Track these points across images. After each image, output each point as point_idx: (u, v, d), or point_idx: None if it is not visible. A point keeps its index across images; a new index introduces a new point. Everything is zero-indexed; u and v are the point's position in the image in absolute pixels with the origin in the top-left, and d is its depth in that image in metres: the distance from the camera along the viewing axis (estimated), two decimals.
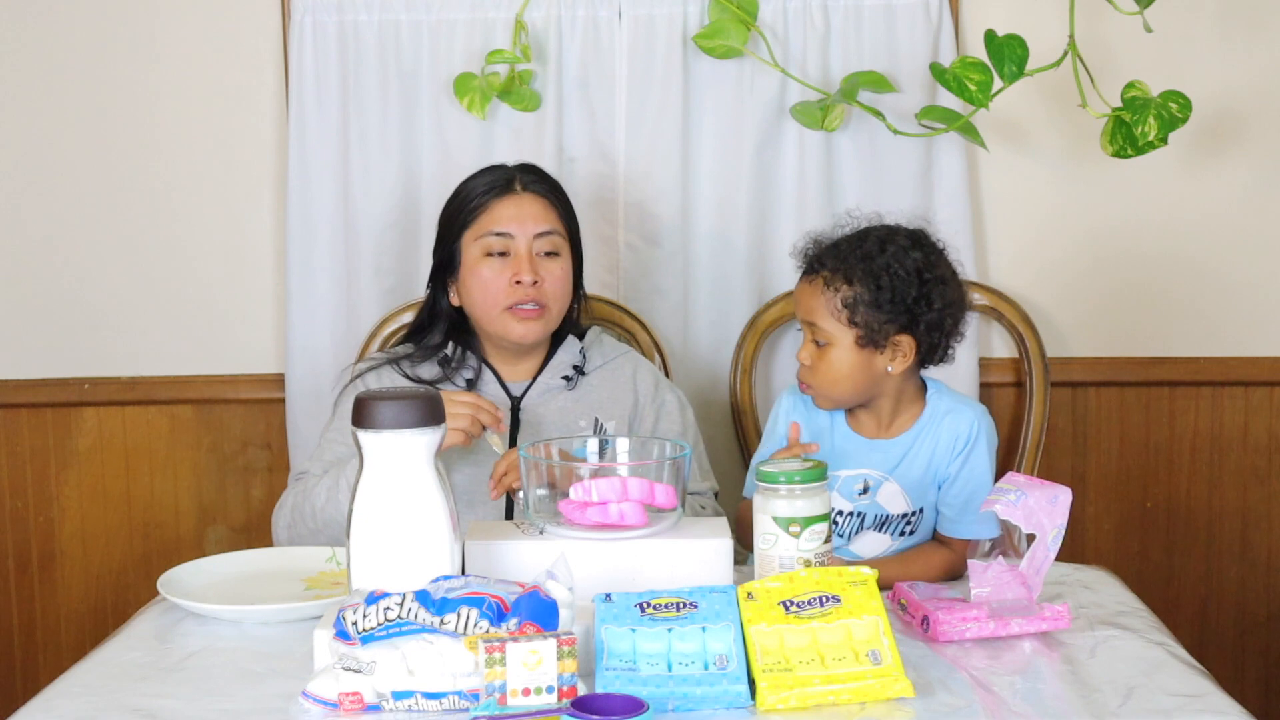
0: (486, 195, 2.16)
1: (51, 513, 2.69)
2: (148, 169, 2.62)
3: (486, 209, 2.15)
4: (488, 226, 2.14)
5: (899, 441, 1.97)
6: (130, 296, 2.64)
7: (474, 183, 2.19)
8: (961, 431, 1.95)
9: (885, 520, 1.98)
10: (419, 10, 2.52)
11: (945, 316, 1.92)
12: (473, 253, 2.15)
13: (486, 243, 2.13)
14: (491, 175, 2.20)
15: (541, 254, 2.14)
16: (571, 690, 1.39)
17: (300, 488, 2.08)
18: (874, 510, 1.98)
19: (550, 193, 2.20)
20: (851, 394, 1.94)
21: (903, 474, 1.96)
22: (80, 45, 2.59)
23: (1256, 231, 2.62)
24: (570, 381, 2.18)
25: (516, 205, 2.15)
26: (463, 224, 2.16)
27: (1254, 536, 2.68)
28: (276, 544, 2.08)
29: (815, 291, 1.93)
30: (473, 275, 2.14)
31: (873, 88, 2.44)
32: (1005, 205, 2.60)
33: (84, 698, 1.52)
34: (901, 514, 1.97)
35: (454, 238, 2.17)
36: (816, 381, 1.94)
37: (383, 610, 1.44)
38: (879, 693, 1.45)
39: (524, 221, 2.14)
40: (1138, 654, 1.60)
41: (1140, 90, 2.31)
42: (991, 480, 1.95)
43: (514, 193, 2.16)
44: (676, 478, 1.72)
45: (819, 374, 1.94)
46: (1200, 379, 2.64)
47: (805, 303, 1.95)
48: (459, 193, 2.20)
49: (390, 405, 1.55)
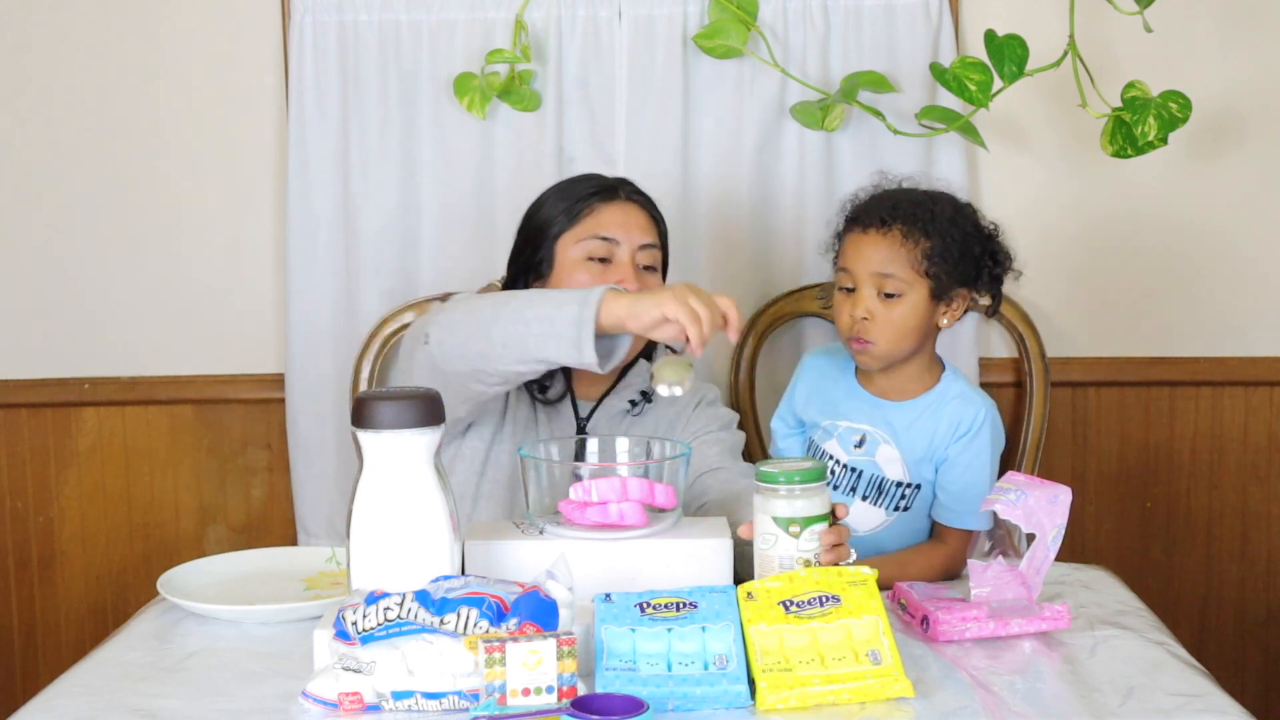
0: (591, 199, 2.08)
1: (51, 513, 2.69)
2: (148, 169, 2.62)
3: (592, 213, 2.06)
4: (593, 230, 2.05)
5: (903, 407, 2.02)
6: (130, 296, 2.64)
7: (574, 187, 2.12)
8: (966, 417, 1.99)
9: (881, 485, 2.00)
10: (419, 10, 2.52)
11: (1006, 271, 2.04)
12: (571, 255, 2.05)
13: (589, 246, 2.04)
14: (592, 181, 2.13)
15: (641, 266, 2.07)
16: (571, 690, 1.39)
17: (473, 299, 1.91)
18: (870, 470, 2.01)
19: (652, 207, 2.14)
20: (912, 347, 2.01)
21: (904, 442, 2.00)
22: (81, 46, 2.59)
23: (1256, 231, 2.62)
24: (635, 407, 2.12)
25: (624, 213, 2.08)
26: (561, 227, 2.07)
27: (1254, 536, 2.68)
28: (426, 346, 1.88)
29: (893, 243, 1.96)
30: (570, 278, 2.04)
31: (873, 88, 2.44)
32: (1005, 205, 2.59)
33: (84, 698, 1.52)
34: (897, 482, 2.01)
35: (548, 240, 2.08)
36: (882, 334, 1.97)
37: (383, 610, 1.44)
38: (879, 693, 1.45)
39: (630, 230, 2.06)
40: (1138, 653, 1.60)
41: (1140, 90, 2.32)
42: (992, 475, 1.98)
43: (619, 200, 2.09)
44: (676, 478, 1.72)
45: (886, 326, 1.97)
46: (1200, 379, 2.64)
47: (878, 255, 1.97)
48: (557, 195, 2.12)
49: (390, 405, 1.55)
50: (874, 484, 2.02)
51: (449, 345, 1.86)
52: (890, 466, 2.02)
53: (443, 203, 2.55)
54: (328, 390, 2.57)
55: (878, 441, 2.02)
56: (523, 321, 1.77)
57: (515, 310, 1.79)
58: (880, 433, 2.02)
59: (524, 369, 1.82)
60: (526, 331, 1.77)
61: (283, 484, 2.66)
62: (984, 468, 1.99)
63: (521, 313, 1.78)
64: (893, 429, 2.02)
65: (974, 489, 1.95)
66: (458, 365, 1.86)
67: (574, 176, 2.18)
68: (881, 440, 2.02)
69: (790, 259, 2.57)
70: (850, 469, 2.03)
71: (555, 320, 1.74)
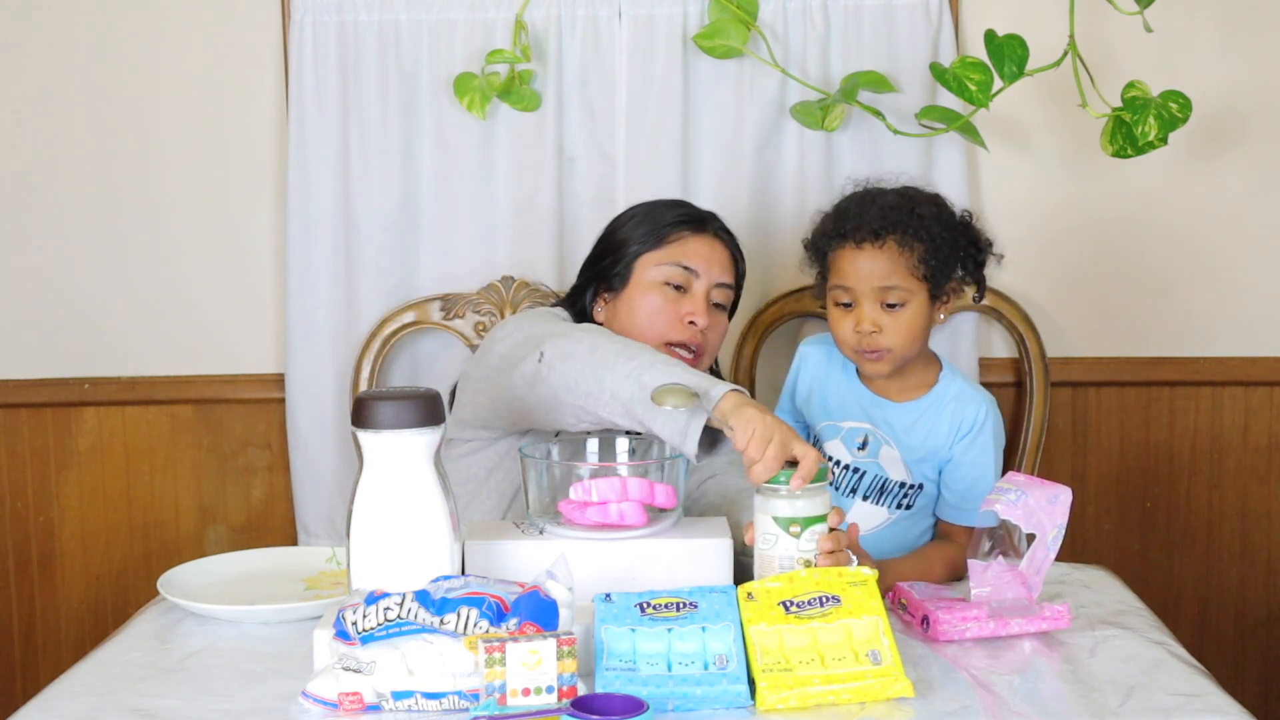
0: (681, 227, 2.12)
1: (51, 513, 2.69)
2: (148, 169, 2.62)
3: (680, 240, 2.11)
4: (677, 257, 2.09)
5: (905, 408, 2.03)
6: (130, 296, 2.64)
7: (664, 210, 2.15)
8: (968, 416, 2.01)
9: (884, 485, 2.01)
10: (419, 10, 2.51)
11: (987, 256, 2.07)
12: (650, 276, 2.09)
13: (669, 272, 2.08)
14: (684, 209, 2.16)
15: (713, 303, 2.11)
16: (571, 690, 1.39)
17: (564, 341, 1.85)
18: (873, 470, 2.02)
19: (736, 248, 2.18)
20: (919, 348, 2.03)
21: (904, 443, 2.01)
22: (81, 46, 2.59)
23: (1256, 231, 2.62)
24: None
25: (710, 247, 2.12)
26: (645, 247, 2.11)
27: (1254, 536, 2.68)
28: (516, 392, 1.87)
29: (890, 255, 1.98)
30: (643, 298, 2.09)
31: (873, 88, 2.44)
32: (1005, 205, 2.60)
33: (84, 698, 1.52)
34: (900, 483, 2.02)
35: (630, 255, 2.11)
36: (895, 342, 1.98)
37: (382, 610, 1.45)
38: (879, 693, 1.45)
39: (712, 265, 2.10)
40: (1137, 653, 1.61)
41: (1140, 90, 2.32)
42: (996, 470, 2.00)
43: (707, 233, 2.13)
44: (676, 478, 1.72)
45: (898, 334, 1.98)
46: (1200, 379, 2.64)
47: (878, 269, 1.98)
48: (647, 215, 2.15)
49: (390, 405, 1.55)
50: (876, 485, 2.02)
51: (558, 371, 1.81)
52: (893, 467, 2.02)
53: (443, 203, 2.55)
54: (328, 390, 2.57)
55: (880, 443, 2.03)
56: (640, 385, 1.71)
57: (636, 370, 1.73)
58: (881, 433, 2.03)
59: (623, 424, 1.77)
60: (641, 396, 1.70)
61: (283, 484, 2.66)
62: (989, 464, 2.01)
63: (640, 376, 1.72)
64: (893, 430, 2.03)
65: (981, 485, 1.96)
66: (559, 394, 1.81)
67: (664, 199, 2.22)
68: (884, 441, 2.02)
69: (790, 259, 2.56)
70: (853, 470, 2.04)
71: None
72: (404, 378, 2.62)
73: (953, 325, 2.56)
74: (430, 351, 2.62)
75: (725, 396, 1.67)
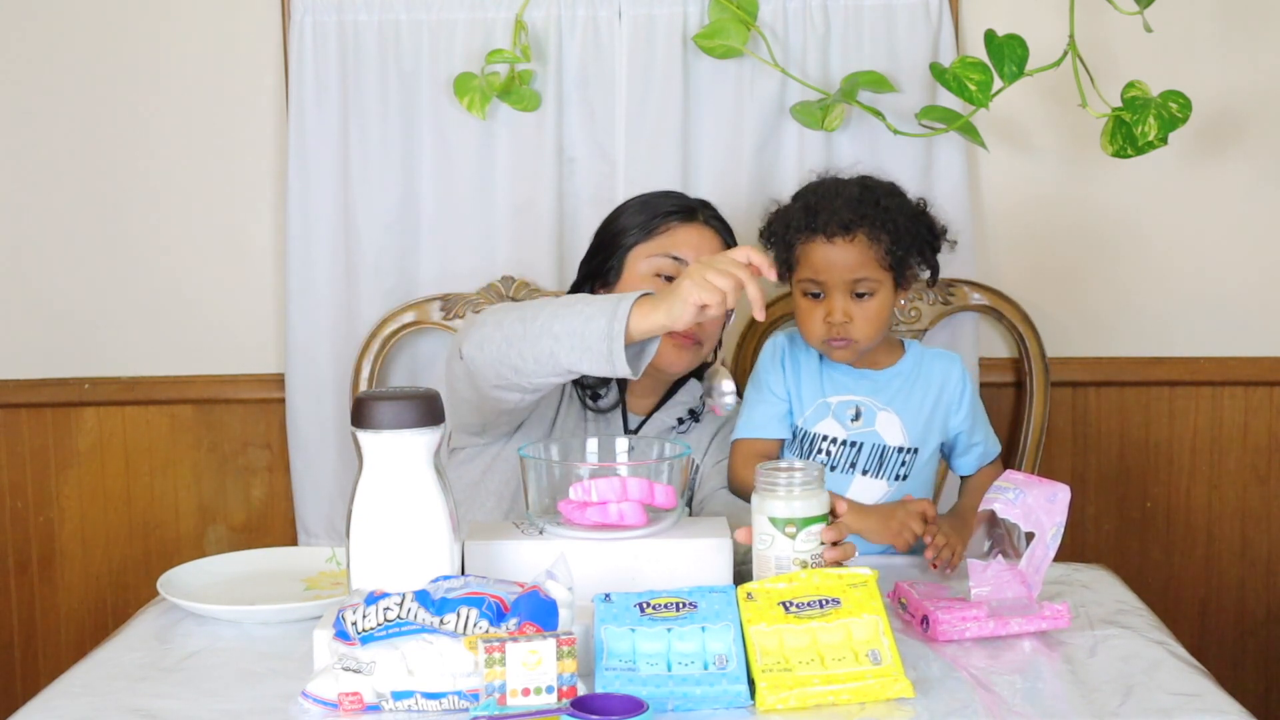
0: (670, 217, 2.12)
1: (51, 513, 2.69)
2: (148, 169, 2.62)
3: (668, 231, 2.11)
4: (666, 248, 2.10)
5: (887, 374, 2.07)
6: (131, 296, 2.64)
7: (655, 201, 2.15)
8: (953, 374, 2.10)
9: (882, 454, 2.03)
10: (419, 10, 2.52)
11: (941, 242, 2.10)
12: (640, 269, 2.10)
13: (659, 264, 2.09)
14: (674, 199, 2.16)
15: None
16: (571, 690, 1.39)
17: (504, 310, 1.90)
18: (870, 440, 2.04)
19: (728, 235, 2.17)
20: (885, 333, 2.07)
21: (899, 406, 2.06)
22: (80, 46, 2.59)
23: (1256, 231, 2.62)
24: (683, 425, 2.15)
25: (699, 236, 2.12)
26: (635, 239, 2.11)
27: (1254, 536, 2.68)
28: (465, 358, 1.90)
29: (860, 247, 2.00)
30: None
31: (873, 88, 2.44)
32: (1005, 205, 2.60)
33: (84, 698, 1.52)
34: (898, 449, 2.04)
35: (620, 250, 2.12)
36: (863, 332, 2.01)
37: (382, 610, 1.44)
38: (879, 693, 1.45)
39: (702, 253, 2.07)
40: (1137, 653, 1.60)
41: (1140, 90, 2.32)
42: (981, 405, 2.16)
43: (697, 223, 2.13)
44: (676, 478, 1.72)
45: (866, 324, 2.01)
46: (1200, 379, 2.64)
47: (849, 261, 2.00)
48: (637, 207, 2.16)
49: (390, 405, 1.55)
50: (874, 455, 2.04)
51: (480, 361, 1.87)
52: (890, 433, 2.05)
53: (443, 203, 2.55)
54: (328, 390, 2.57)
55: (875, 410, 2.05)
56: (552, 336, 1.77)
57: (543, 325, 1.79)
58: (874, 400, 2.05)
59: (557, 380, 1.84)
60: (556, 346, 1.77)
61: (283, 484, 2.66)
62: (979, 403, 2.13)
63: (550, 328, 1.78)
64: (887, 397, 2.06)
65: (982, 422, 2.13)
66: (492, 380, 1.88)
67: (657, 191, 2.22)
68: (878, 408, 2.05)
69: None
70: (849, 444, 2.04)
71: (585, 335, 1.74)
72: (404, 378, 2.63)
73: (953, 325, 2.56)
74: (430, 351, 2.62)
75: (634, 312, 1.71)
